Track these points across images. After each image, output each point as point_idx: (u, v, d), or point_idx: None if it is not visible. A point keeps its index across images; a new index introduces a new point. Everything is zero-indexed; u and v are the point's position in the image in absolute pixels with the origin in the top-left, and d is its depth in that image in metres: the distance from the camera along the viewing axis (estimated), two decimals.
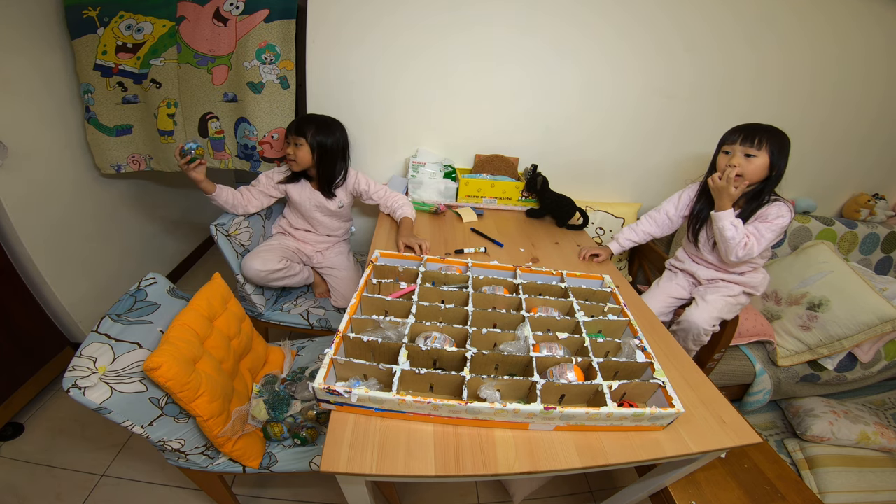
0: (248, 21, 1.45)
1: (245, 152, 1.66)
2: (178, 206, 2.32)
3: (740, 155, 1.20)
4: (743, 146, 1.20)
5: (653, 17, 1.56)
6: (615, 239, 1.52)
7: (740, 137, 1.20)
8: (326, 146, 1.44)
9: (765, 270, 1.41)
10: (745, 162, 1.19)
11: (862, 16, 1.63)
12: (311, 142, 1.41)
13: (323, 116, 1.47)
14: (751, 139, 1.18)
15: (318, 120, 1.44)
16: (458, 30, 1.54)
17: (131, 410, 0.80)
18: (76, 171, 1.66)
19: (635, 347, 0.91)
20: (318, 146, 1.43)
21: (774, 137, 1.18)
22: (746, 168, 1.19)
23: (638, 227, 1.51)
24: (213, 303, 0.99)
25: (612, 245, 1.50)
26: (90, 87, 1.54)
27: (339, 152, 1.48)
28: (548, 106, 1.71)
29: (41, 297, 1.56)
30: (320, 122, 1.43)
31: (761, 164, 1.18)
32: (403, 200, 1.54)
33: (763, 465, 1.12)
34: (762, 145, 1.17)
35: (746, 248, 1.22)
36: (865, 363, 1.66)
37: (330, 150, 1.45)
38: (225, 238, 1.37)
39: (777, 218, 1.21)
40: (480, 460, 0.71)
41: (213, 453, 0.99)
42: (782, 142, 1.18)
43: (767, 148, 1.17)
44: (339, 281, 1.60)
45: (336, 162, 1.49)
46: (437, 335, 0.87)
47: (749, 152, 1.19)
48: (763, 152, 1.18)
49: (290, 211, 1.62)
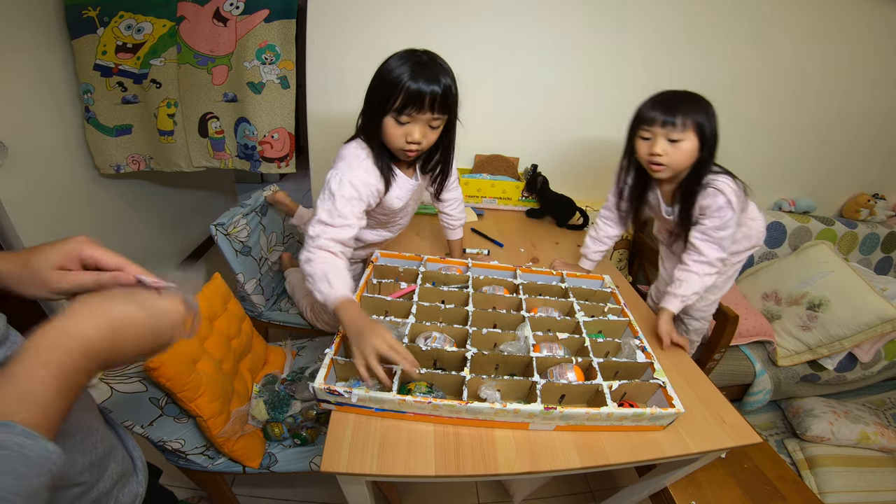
0: (248, 21, 1.45)
1: (245, 152, 1.66)
2: (177, 206, 2.32)
3: (663, 141, 0.96)
4: (665, 129, 0.95)
5: (657, 16, 1.56)
6: (585, 256, 1.30)
7: (660, 118, 0.95)
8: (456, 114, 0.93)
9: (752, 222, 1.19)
10: (671, 149, 0.96)
11: (869, 17, 1.63)
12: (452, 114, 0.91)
13: (432, 56, 0.87)
14: (672, 120, 0.94)
15: (445, 66, 0.87)
16: (458, 29, 1.54)
17: (131, 410, 0.80)
18: (76, 172, 1.66)
19: (635, 347, 0.91)
20: (452, 117, 0.92)
21: (699, 111, 0.94)
22: (673, 157, 0.97)
23: (599, 233, 1.29)
24: (213, 303, 0.99)
25: (584, 263, 1.31)
26: (90, 87, 1.54)
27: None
28: (548, 105, 1.71)
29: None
30: (447, 69, 0.87)
31: (689, 149, 0.96)
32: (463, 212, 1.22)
33: (763, 465, 1.12)
34: (687, 125, 0.93)
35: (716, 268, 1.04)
36: (865, 363, 1.66)
37: (453, 120, 0.94)
38: (225, 238, 1.36)
39: (718, 210, 0.99)
40: (480, 460, 0.70)
41: (213, 453, 0.99)
42: (708, 112, 0.95)
43: (694, 127, 0.94)
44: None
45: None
46: (437, 335, 0.87)
47: (673, 136, 0.95)
48: (690, 132, 0.94)
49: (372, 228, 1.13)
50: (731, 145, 1.87)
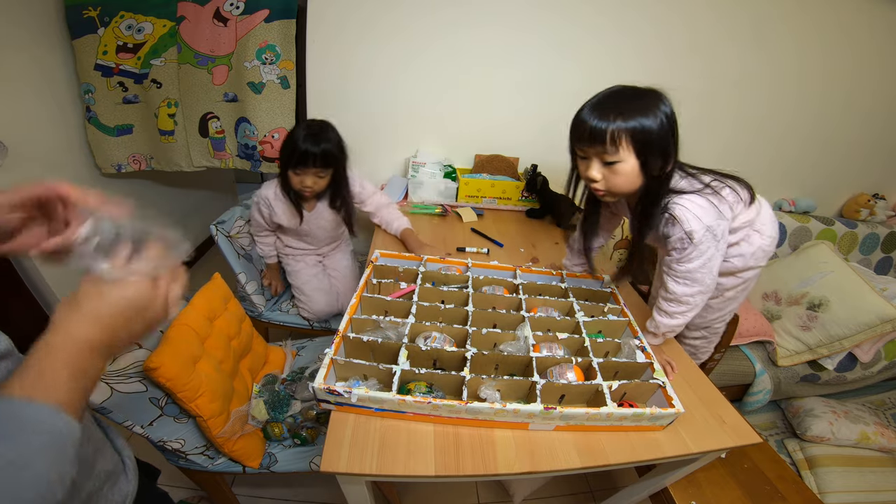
0: (248, 21, 1.45)
1: (245, 152, 1.66)
2: (178, 206, 2.32)
3: (597, 163, 0.79)
4: (594, 149, 0.78)
5: (657, 16, 1.55)
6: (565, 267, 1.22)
7: (587, 135, 0.77)
8: (343, 163, 1.25)
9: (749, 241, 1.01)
10: (608, 172, 0.79)
11: (870, 17, 1.63)
12: (335, 165, 1.22)
13: (323, 124, 1.20)
14: (601, 138, 0.75)
15: (329, 135, 1.18)
16: (458, 29, 1.54)
17: (131, 410, 0.80)
18: (77, 171, 1.66)
19: (635, 347, 0.91)
20: (337, 167, 1.23)
21: (639, 117, 0.73)
22: (611, 181, 0.80)
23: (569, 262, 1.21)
24: (213, 303, 0.99)
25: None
26: (91, 87, 1.54)
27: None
28: (548, 105, 1.71)
29: (41, 298, 1.56)
30: (332, 137, 1.19)
31: (629, 171, 0.78)
32: (399, 212, 1.44)
33: (763, 465, 1.12)
34: (620, 142, 0.75)
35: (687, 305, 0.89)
36: (865, 363, 1.66)
37: (343, 166, 1.26)
38: (225, 238, 1.37)
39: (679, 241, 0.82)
40: (480, 460, 0.71)
41: (213, 453, 0.99)
42: (653, 116, 0.73)
43: (631, 145, 0.75)
44: (339, 280, 1.60)
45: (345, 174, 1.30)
46: (437, 335, 0.87)
47: (607, 158, 0.77)
48: (626, 151, 0.76)
49: (287, 236, 1.45)
50: (731, 145, 1.87)
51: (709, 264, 0.84)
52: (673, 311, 0.92)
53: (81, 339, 0.37)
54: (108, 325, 0.39)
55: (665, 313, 0.93)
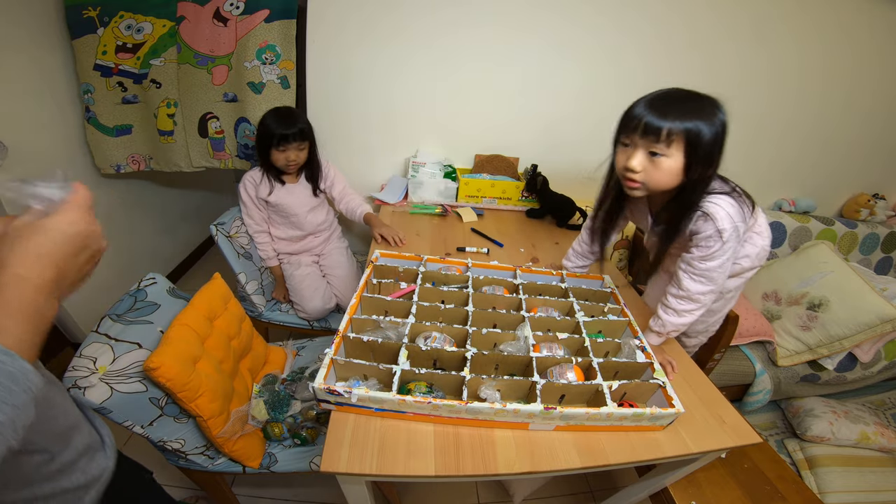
0: (248, 21, 1.45)
1: (245, 152, 1.66)
2: (178, 206, 2.32)
3: (642, 154, 0.80)
4: (646, 139, 0.78)
5: (657, 15, 1.55)
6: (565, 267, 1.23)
7: (642, 124, 0.77)
8: (313, 138, 1.44)
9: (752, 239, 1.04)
10: (649, 164, 0.80)
11: (870, 17, 1.63)
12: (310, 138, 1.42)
13: (289, 108, 1.44)
14: (657, 128, 0.76)
15: (298, 114, 1.40)
16: (458, 29, 1.54)
17: (131, 410, 0.80)
18: (76, 171, 1.66)
19: (635, 347, 0.91)
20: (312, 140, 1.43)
21: (697, 119, 0.75)
22: (650, 174, 0.81)
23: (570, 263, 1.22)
24: (213, 303, 0.99)
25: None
26: (90, 87, 1.54)
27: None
28: (548, 105, 1.71)
29: None
30: (301, 115, 1.41)
31: (672, 168, 0.79)
32: (361, 199, 1.55)
33: (763, 465, 1.12)
34: (674, 138, 0.76)
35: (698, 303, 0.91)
36: (865, 363, 1.66)
37: (314, 142, 1.45)
38: (225, 238, 1.37)
39: (706, 239, 0.84)
40: (480, 460, 0.71)
41: (213, 453, 0.99)
42: (710, 123, 0.75)
43: (684, 142, 0.76)
44: (339, 280, 1.60)
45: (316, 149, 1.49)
46: (437, 335, 0.87)
47: (655, 149, 0.78)
48: (676, 149, 0.77)
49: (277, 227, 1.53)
50: (731, 145, 1.87)
51: (726, 264, 0.87)
52: (682, 308, 0.92)
53: (29, 277, 0.36)
54: (54, 261, 0.39)
55: (673, 311, 0.93)
